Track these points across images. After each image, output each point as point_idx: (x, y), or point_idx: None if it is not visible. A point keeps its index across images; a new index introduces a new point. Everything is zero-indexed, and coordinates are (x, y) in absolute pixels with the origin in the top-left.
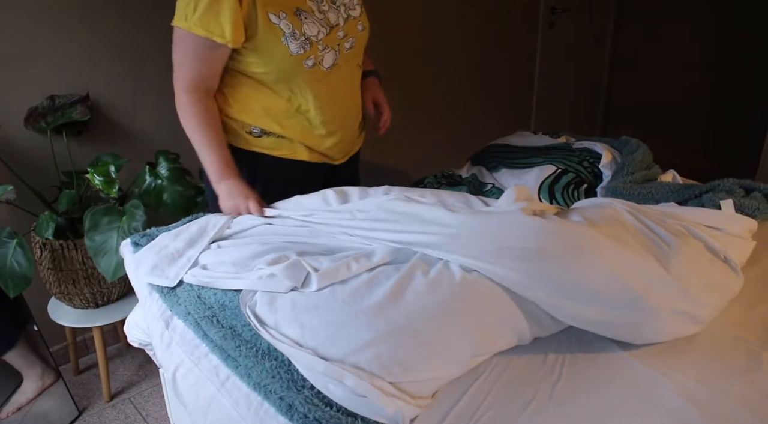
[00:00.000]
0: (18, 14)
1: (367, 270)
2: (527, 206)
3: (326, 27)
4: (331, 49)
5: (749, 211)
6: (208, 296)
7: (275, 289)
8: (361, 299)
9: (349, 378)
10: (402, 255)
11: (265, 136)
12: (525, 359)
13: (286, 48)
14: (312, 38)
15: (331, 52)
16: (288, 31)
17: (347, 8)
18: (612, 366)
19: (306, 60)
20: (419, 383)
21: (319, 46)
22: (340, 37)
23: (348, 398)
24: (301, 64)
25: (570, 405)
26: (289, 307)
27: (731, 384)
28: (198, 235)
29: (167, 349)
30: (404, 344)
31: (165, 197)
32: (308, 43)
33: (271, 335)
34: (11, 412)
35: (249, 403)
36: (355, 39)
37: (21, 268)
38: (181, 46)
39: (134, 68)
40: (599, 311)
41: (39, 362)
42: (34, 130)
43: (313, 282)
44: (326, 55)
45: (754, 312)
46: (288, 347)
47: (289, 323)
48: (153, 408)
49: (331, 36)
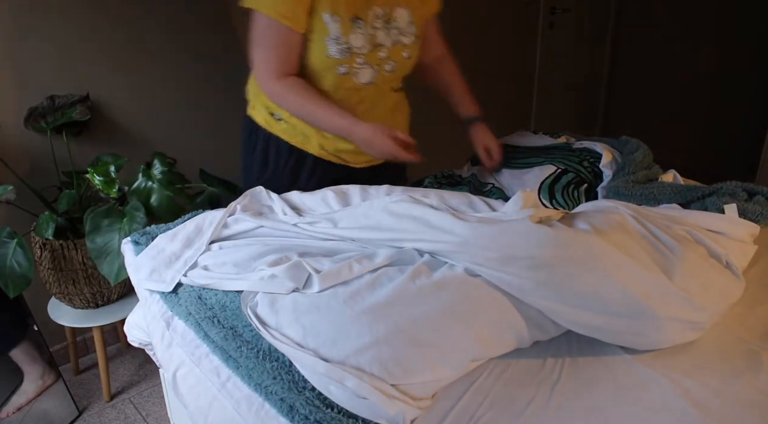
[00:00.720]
0: (18, 14)
1: (369, 271)
2: (534, 214)
3: (370, 44)
4: (369, 66)
5: (752, 215)
6: (209, 296)
7: (276, 290)
8: (362, 300)
9: (350, 380)
10: (404, 257)
11: (282, 122)
12: (524, 360)
13: (326, 48)
14: (354, 49)
15: (369, 69)
16: (334, 34)
17: (399, 33)
18: (612, 367)
19: (339, 66)
20: (420, 385)
21: (358, 59)
22: (381, 57)
23: (349, 399)
24: (334, 68)
25: (569, 406)
26: (290, 308)
27: (731, 384)
28: (195, 234)
29: (168, 349)
30: (405, 346)
31: (152, 200)
32: (348, 52)
33: (273, 336)
34: (11, 412)
35: (250, 404)
36: (396, 64)
37: (21, 268)
38: (264, 35)
39: (134, 68)
40: (604, 319)
41: (41, 360)
42: (34, 130)
43: (314, 283)
44: (362, 70)
45: (754, 312)
46: (289, 348)
47: (291, 324)
48: (153, 408)
49: (372, 53)
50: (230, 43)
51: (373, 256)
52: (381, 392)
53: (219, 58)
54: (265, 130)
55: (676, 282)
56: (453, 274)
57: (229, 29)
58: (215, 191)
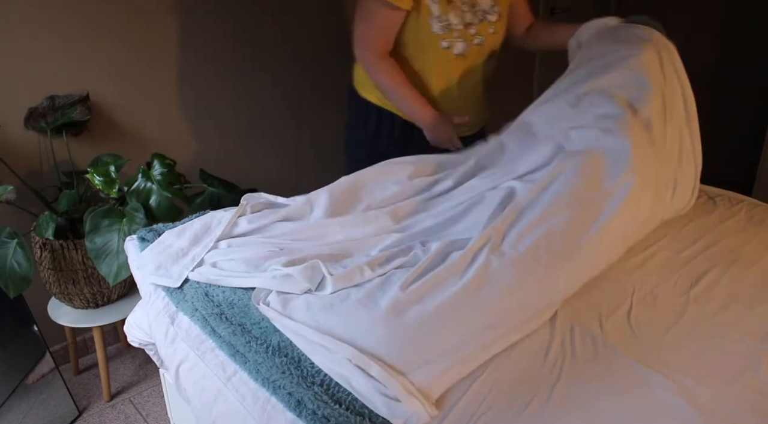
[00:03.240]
0: (18, 14)
1: (378, 275)
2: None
3: (463, 22)
4: (463, 40)
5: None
6: (216, 294)
7: (290, 289)
8: (375, 299)
9: (375, 368)
10: (413, 260)
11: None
12: (524, 359)
13: (430, 26)
14: (452, 26)
15: (462, 43)
16: (436, 13)
17: (484, 13)
18: (611, 366)
19: (442, 41)
20: (435, 375)
21: (455, 34)
22: (471, 33)
23: (369, 392)
24: (437, 42)
25: (569, 406)
26: (303, 308)
27: (731, 384)
28: (203, 232)
29: (172, 344)
30: (417, 340)
31: (151, 201)
32: (448, 28)
33: (294, 321)
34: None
35: (256, 398)
36: (484, 38)
37: (21, 268)
38: (371, 15)
39: (134, 68)
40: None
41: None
42: (34, 130)
43: (328, 285)
44: (457, 43)
45: (754, 312)
46: (314, 333)
47: (305, 323)
48: (153, 408)
49: (465, 29)
50: (231, 43)
51: (386, 260)
52: (402, 386)
53: (219, 58)
54: (378, 106)
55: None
56: (468, 266)
57: (230, 28)
58: (215, 191)
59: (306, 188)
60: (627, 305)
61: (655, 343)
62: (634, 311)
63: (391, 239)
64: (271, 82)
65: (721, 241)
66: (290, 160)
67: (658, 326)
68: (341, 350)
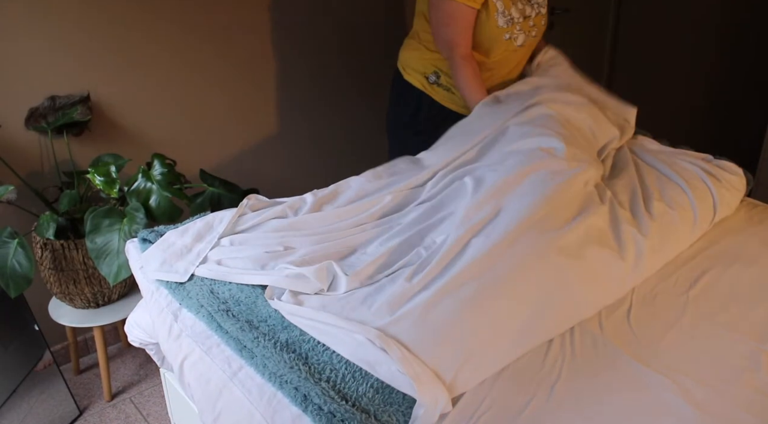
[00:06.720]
0: (18, 14)
1: (385, 276)
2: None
3: (522, 15)
4: (523, 32)
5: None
6: (222, 290)
7: (303, 289)
8: (392, 296)
9: (394, 351)
10: (416, 258)
11: (437, 86)
12: (525, 359)
13: (496, 20)
14: (514, 19)
15: (522, 35)
16: (500, 9)
17: (539, 6)
18: (611, 366)
19: (506, 34)
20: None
21: (516, 27)
22: (530, 25)
23: (394, 374)
24: (502, 35)
25: (569, 405)
26: (318, 306)
27: (731, 384)
28: (206, 230)
29: (176, 340)
30: (445, 337)
31: (151, 201)
32: (511, 22)
33: (314, 310)
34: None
35: (262, 392)
36: (538, 29)
37: (22, 268)
38: (454, 17)
39: (135, 68)
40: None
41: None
42: (34, 130)
43: (341, 285)
44: (519, 35)
45: (753, 312)
46: (335, 317)
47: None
48: (153, 408)
49: (524, 22)
50: (231, 42)
51: (391, 262)
52: (421, 372)
53: (220, 58)
54: (419, 90)
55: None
56: (475, 262)
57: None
58: (215, 191)
59: (306, 188)
60: (627, 304)
61: (654, 342)
62: (634, 311)
63: (391, 232)
64: (272, 81)
65: (720, 241)
66: (291, 160)
67: (658, 326)
68: (364, 332)
